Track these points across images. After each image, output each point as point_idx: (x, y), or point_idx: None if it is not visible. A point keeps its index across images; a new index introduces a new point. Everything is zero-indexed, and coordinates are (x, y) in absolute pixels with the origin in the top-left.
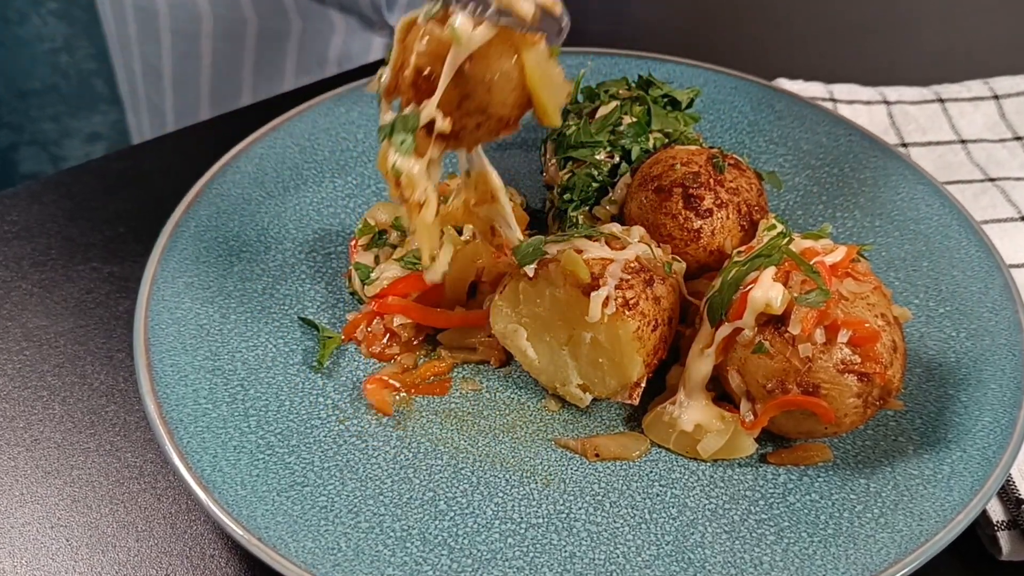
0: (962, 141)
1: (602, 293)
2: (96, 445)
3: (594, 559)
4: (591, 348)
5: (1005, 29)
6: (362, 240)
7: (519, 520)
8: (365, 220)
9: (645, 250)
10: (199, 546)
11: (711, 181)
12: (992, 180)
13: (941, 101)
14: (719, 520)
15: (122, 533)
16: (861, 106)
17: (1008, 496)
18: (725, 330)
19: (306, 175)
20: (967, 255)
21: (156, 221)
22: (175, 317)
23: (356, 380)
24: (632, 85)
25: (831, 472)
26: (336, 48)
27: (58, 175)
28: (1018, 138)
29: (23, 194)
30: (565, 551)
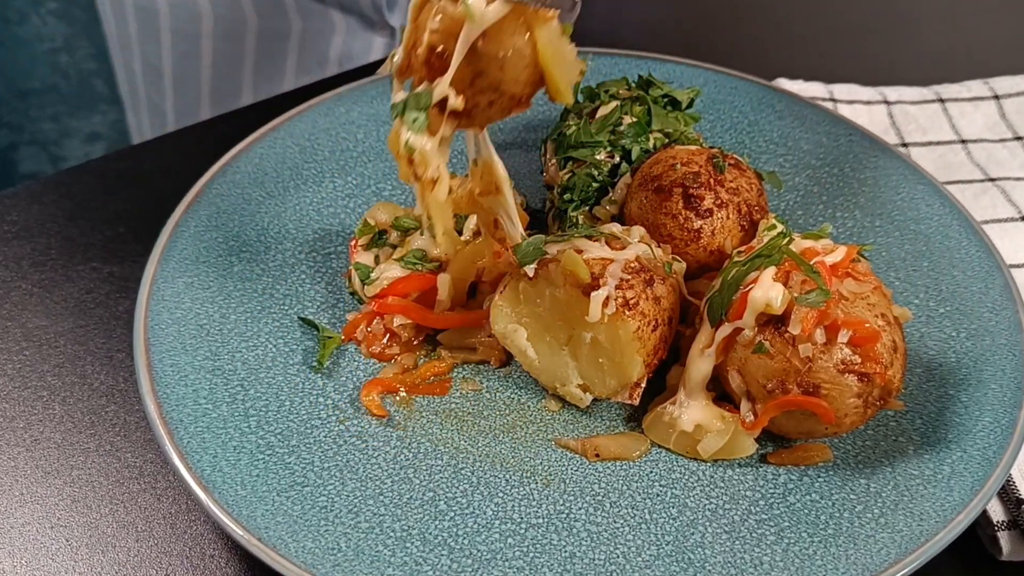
0: (962, 141)
1: (602, 293)
2: (96, 445)
3: (594, 559)
4: (591, 348)
5: (1005, 29)
6: (362, 240)
7: (519, 520)
8: (365, 220)
9: (645, 250)
10: (199, 546)
11: (711, 181)
12: (992, 180)
13: (941, 101)
14: (719, 520)
15: (122, 533)
16: (861, 106)
17: (1008, 496)
18: (725, 330)
19: (306, 175)
20: (967, 255)
21: (156, 221)
22: (175, 317)
23: (356, 380)
24: (632, 85)
25: (831, 472)
26: (336, 48)
27: (58, 175)
28: (1018, 138)
29: (23, 194)
30: (565, 551)
